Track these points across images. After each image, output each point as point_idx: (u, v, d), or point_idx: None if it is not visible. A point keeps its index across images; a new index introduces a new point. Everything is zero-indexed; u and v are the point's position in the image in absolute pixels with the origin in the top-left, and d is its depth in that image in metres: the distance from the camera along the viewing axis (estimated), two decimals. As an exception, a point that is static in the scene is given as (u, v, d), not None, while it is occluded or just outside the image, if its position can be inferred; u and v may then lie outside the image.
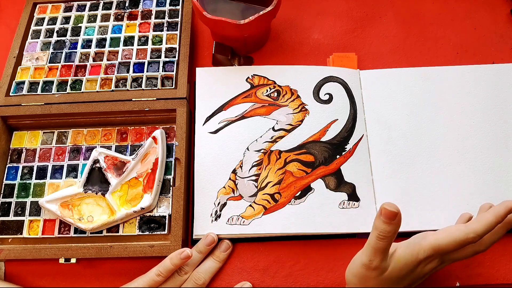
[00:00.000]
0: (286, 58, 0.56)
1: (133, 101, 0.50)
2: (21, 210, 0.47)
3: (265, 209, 0.46)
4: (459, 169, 0.48)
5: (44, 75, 0.53)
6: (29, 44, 0.56)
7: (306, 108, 0.50)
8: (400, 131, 0.50)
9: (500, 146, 0.49)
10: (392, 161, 0.48)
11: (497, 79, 0.52)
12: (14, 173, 0.49)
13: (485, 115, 0.50)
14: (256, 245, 0.47)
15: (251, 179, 0.47)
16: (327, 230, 0.45)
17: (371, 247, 0.36)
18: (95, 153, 0.47)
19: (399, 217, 0.34)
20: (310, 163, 0.48)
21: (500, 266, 0.45)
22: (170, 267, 0.42)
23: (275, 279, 0.45)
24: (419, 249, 0.36)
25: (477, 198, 0.46)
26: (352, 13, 0.59)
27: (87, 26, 0.56)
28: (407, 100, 0.51)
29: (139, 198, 0.46)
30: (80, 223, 0.45)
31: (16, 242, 0.46)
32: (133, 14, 0.57)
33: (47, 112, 0.50)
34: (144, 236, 0.45)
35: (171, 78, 0.52)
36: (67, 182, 0.48)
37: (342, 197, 0.46)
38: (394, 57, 0.55)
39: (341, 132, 0.49)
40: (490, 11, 0.58)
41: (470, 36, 0.56)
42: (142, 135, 0.50)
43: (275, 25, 0.57)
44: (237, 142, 0.49)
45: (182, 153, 0.47)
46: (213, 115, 0.50)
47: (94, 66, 0.53)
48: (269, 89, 0.52)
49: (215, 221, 0.46)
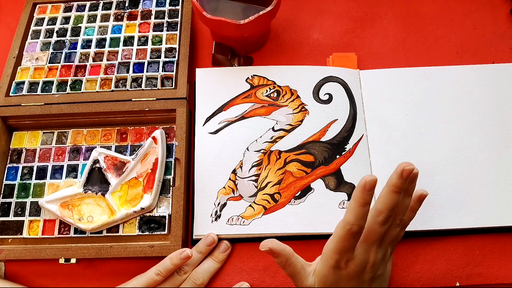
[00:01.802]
0: (286, 58, 0.56)
1: (133, 101, 0.50)
2: (21, 210, 0.47)
3: (265, 209, 0.46)
4: (459, 169, 0.48)
5: (44, 75, 0.53)
6: (29, 44, 0.56)
7: (306, 108, 0.50)
8: (400, 131, 0.50)
9: (500, 146, 0.49)
10: (392, 161, 0.48)
11: (497, 79, 0.52)
12: (14, 173, 0.49)
13: (485, 115, 0.50)
14: (256, 245, 0.46)
15: (251, 179, 0.47)
16: (327, 230, 0.45)
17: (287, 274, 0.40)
18: (95, 153, 0.47)
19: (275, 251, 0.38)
20: (310, 163, 0.48)
21: (500, 266, 0.45)
22: (169, 267, 0.42)
23: (275, 279, 0.45)
24: (326, 257, 0.37)
25: (477, 198, 0.46)
26: (352, 13, 0.59)
27: (87, 26, 0.56)
28: (407, 100, 0.51)
29: (139, 198, 0.46)
30: (80, 223, 0.45)
31: (16, 242, 0.46)
32: (133, 14, 0.57)
33: (47, 112, 0.50)
34: (144, 236, 0.45)
35: (171, 78, 0.52)
36: (67, 182, 0.48)
37: (342, 197, 0.46)
38: (394, 57, 0.55)
39: (341, 132, 0.49)
40: (490, 11, 0.58)
41: (470, 36, 0.56)
42: (142, 135, 0.50)
43: (275, 25, 0.57)
44: (237, 143, 0.49)
45: (182, 153, 0.47)
46: (213, 116, 0.50)
47: (94, 66, 0.53)
48: (269, 89, 0.52)
49: (215, 221, 0.46)
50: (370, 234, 0.36)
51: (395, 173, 0.35)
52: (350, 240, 0.35)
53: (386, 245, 0.38)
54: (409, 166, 0.34)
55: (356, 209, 0.34)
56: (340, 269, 0.37)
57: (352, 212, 0.34)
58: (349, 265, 0.36)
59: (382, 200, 0.35)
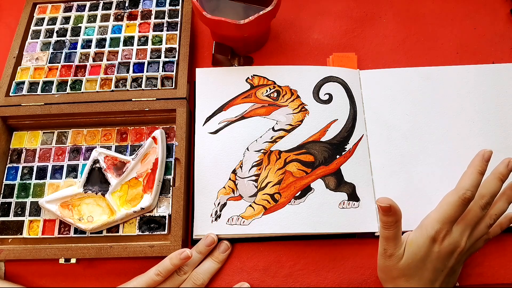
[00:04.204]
0: (286, 58, 0.56)
1: (133, 101, 0.50)
2: (21, 210, 0.47)
3: (265, 209, 0.46)
4: (459, 169, 0.48)
5: (44, 75, 0.53)
6: (29, 44, 0.56)
7: (306, 108, 0.50)
8: (400, 131, 0.50)
9: (500, 146, 0.49)
10: (392, 161, 0.48)
11: (497, 79, 0.52)
12: (14, 173, 0.49)
13: (485, 115, 0.50)
14: (256, 245, 0.47)
15: (251, 179, 0.47)
16: (327, 230, 0.45)
17: (381, 237, 0.40)
18: (95, 153, 0.47)
19: (394, 208, 0.37)
20: (310, 163, 0.48)
21: (500, 266, 0.45)
22: (169, 267, 0.42)
23: (275, 279, 0.45)
24: (426, 227, 0.39)
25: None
26: (352, 13, 0.59)
27: (87, 26, 0.56)
28: (407, 100, 0.51)
29: (139, 198, 0.46)
30: (80, 223, 0.45)
31: (16, 242, 0.46)
32: (133, 14, 0.57)
33: (47, 112, 0.50)
34: (144, 236, 0.45)
35: (171, 78, 0.52)
36: (67, 182, 0.48)
37: (342, 197, 0.46)
38: (394, 57, 0.55)
39: (341, 132, 0.49)
40: (490, 11, 0.58)
41: (470, 36, 0.56)
42: (142, 135, 0.50)
43: (275, 25, 0.57)
44: (237, 143, 0.49)
45: (182, 153, 0.47)
46: (213, 116, 0.50)
47: (94, 66, 0.53)
48: (269, 89, 0.52)
49: (215, 221, 0.46)
50: (470, 215, 0.39)
51: (502, 163, 0.40)
52: (461, 208, 0.37)
53: (474, 239, 0.40)
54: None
55: (473, 175, 0.38)
56: (435, 242, 0.38)
57: (469, 178, 0.38)
58: (445, 241, 0.38)
59: (486, 185, 0.39)
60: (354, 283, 0.45)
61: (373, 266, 0.45)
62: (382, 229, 0.39)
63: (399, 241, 0.39)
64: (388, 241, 0.39)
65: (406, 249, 0.39)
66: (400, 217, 0.38)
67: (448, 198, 0.38)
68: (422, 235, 0.39)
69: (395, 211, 0.37)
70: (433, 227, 0.38)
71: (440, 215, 0.38)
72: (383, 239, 0.39)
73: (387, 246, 0.39)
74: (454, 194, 0.38)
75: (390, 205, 0.37)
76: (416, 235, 0.39)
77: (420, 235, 0.39)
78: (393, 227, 0.38)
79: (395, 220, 0.38)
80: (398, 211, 0.38)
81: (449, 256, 0.39)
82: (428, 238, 0.38)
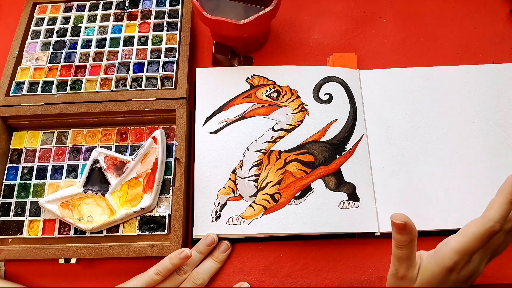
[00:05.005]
0: (286, 58, 0.56)
1: (133, 101, 0.50)
2: (21, 210, 0.47)
3: (265, 209, 0.46)
4: (459, 169, 0.48)
5: (44, 75, 0.53)
6: (29, 44, 0.56)
7: (306, 108, 0.50)
8: (400, 131, 0.50)
9: (500, 145, 0.49)
10: (392, 161, 0.48)
11: (497, 79, 0.52)
12: (14, 173, 0.49)
13: (485, 115, 0.50)
14: (256, 245, 0.47)
15: (251, 179, 0.47)
16: (327, 230, 0.45)
17: (393, 256, 0.36)
18: (95, 153, 0.47)
19: (410, 226, 0.34)
20: (310, 163, 0.48)
21: (500, 266, 0.45)
22: (169, 267, 0.42)
23: (275, 279, 0.45)
24: (443, 257, 0.34)
25: (477, 198, 0.46)
26: (352, 13, 0.59)
27: (87, 26, 0.56)
28: (407, 100, 0.51)
29: (139, 198, 0.46)
30: (80, 223, 0.45)
31: (16, 242, 0.46)
32: (133, 14, 0.57)
33: (47, 112, 0.50)
34: (144, 236, 0.45)
35: (171, 78, 0.52)
36: (67, 182, 0.48)
37: (342, 197, 0.46)
38: (394, 57, 0.55)
39: (341, 132, 0.49)
40: (490, 11, 0.58)
41: (470, 36, 0.56)
42: (142, 135, 0.50)
43: (275, 25, 0.57)
44: (237, 142, 0.49)
45: (182, 153, 0.47)
46: (213, 116, 0.50)
47: (94, 66, 0.53)
48: (269, 89, 0.52)
49: (215, 221, 0.46)
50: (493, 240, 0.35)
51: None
52: (486, 240, 0.33)
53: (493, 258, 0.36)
54: None
55: (503, 206, 0.33)
56: (453, 272, 0.34)
57: (499, 209, 0.32)
58: (463, 270, 0.34)
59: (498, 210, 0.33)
60: (354, 283, 0.45)
61: (373, 266, 0.45)
62: (395, 248, 0.35)
63: (412, 262, 0.35)
64: (400, 262, 0.36)
65: (420, 275, 0.36)
66: (415, 236, 0.35)
67: (473, 228, 0.33)
68: (438, 264, 0.35)
69: (410, 229, 0.34)
70: (451, 258, 0.34)
71: (461, 246, 0.33)
72: (395, 258, 0.36)
73: (399, 267, 0.36)
74: (481, 226, 0.33)
75: (405, 222, 0.34)
76: (431, 262, 0.35)
77: (436, 263, 0.35)
78: (407, 246, 0.35)
79: (410, 239, 0.34)
80: (413, 229, 0.34)
81: (466, 282, 0.35)
82: (444, 268, 0.34)
